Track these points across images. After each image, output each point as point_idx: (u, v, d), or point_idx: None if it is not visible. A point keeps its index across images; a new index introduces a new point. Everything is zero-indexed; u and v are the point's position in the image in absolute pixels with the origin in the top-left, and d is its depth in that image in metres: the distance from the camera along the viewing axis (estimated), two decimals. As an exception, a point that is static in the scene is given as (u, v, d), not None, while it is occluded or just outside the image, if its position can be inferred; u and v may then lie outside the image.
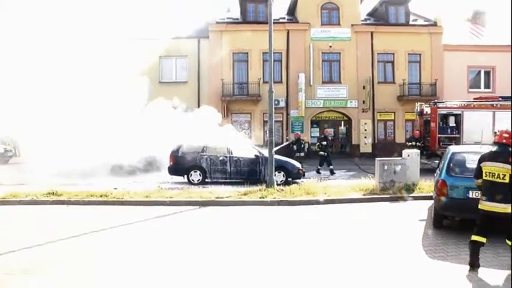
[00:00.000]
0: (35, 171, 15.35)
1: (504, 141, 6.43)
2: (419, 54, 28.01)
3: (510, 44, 21.83)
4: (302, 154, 18.21)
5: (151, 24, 26.08)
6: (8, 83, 15.80)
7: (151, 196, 12.48)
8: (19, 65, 16.00)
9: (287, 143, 21.07)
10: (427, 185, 12.64)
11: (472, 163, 8.95)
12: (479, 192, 7.90)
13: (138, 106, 15.76)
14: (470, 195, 8.04)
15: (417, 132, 20.82)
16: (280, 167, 15.26)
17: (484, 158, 6.50)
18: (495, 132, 8.68)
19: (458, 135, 19.34)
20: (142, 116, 15.32)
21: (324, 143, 18.95)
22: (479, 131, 17.99)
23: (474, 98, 21.70)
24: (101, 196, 12.43)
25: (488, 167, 6.36)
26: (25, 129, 15.57)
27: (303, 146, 18.37)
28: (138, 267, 6.67)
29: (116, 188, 13.55)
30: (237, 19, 28.35)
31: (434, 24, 28.14)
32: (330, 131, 22.44)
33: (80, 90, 15.69)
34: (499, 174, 6.22)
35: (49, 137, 14.99)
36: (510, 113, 16.87)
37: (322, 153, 18.71)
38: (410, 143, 19.60)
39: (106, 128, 15.03)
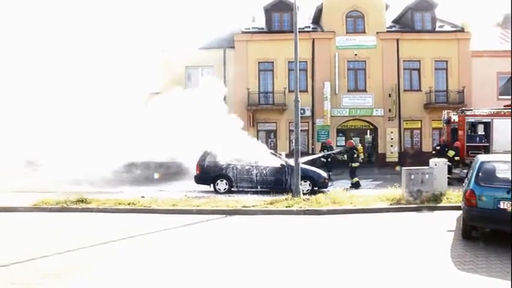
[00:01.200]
0: (64, 180, 15.76)
1: None
2: (446, 61, 27.57)
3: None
4: (357, 164, 17.05)
5: (178, 35, 26.54)
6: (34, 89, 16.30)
7: (178, 205, 12.65)
8: (47, 71, 16.51)
9: (327, 153, 19.45)
10: (455, 195, 12.40)
11: (502, 172, 8.81)
12: (510, 202, 7.81)
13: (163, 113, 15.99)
14: (501, 206, 7.88)
15: (458, 142, 19.04)
16: (306, 176, 15.25)
17: None
18: None
19: (487, 144, 18.91)
20: (167, 123, 15.50)
21: (325, 151, 19.77)
22: (509, 140, 17.55)
23: (504, 106, 21.22)
24: (128, 204, 12.67)
25: None
26: (48, 137, 15.95)
27: (356, 155, 17.00)
28: (166, 274, 6.79)
29: (143, 197, 13.78)
30: (262, 28, 28.52)
31: (462, 30, 27.68)
32: (331, 141, 22.62)
33: (104, 99, 16.04)
34: None
35: (73, 145, 15.38)
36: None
37: (323, 159, 19.35)
38: (457, 157, 18.04)
39: (132, 135, 15.29)
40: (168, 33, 26.38)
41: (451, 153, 18.10)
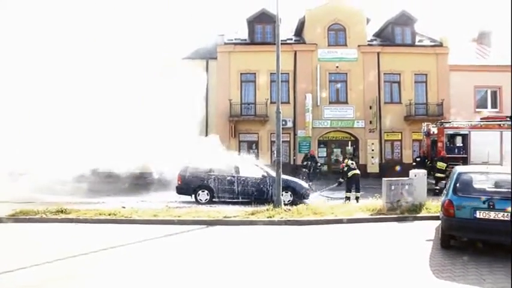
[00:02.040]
0: (43, 190, 15.48)
1: None
2: (426, 75, 28.17)
3: (510, 64, 21.96)
4: (354, 172, 15.97)
5: (159, 45, 26.48)
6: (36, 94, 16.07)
7: (159, 215, 12.55)
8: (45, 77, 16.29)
9: (337, 182, 17.82)
10: (434, 205, 12.58)
11: (479, 183, 9.01)
12: (486, 212, 7.99)
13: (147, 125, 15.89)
14: (478, 216, 8.05)
15: (443, 152, 19.04)
16: (288, 187, 15.31)
17: None
18: None
19: (465, 155, 19.25)
20: (149, 135, 15.39)
21: (309, 162, 20.41)
22: (486, 151, 17.95)
23: (481, 118, 21.71)
24: (109, 215, 12.52)
25: None
26: (28, 147, 15.69)
27: (347, 168, 16.07)
28: (146, 285, 6.73)
29: (124, 207, 13.64)
30: (245, 40, 28.73)
31: (440, 45, 28.38)
32: (314, 151, 23.28)
33: (84, 110, 15.88)
34: None
35: (54, 154, 15.15)
36: (510, 132, 16.87)
37: (305, 169, 20.06)
38: (447, 169, 17.53)
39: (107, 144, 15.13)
40: (150, 43, 26.31)
41: (442, 165, 18.14)
